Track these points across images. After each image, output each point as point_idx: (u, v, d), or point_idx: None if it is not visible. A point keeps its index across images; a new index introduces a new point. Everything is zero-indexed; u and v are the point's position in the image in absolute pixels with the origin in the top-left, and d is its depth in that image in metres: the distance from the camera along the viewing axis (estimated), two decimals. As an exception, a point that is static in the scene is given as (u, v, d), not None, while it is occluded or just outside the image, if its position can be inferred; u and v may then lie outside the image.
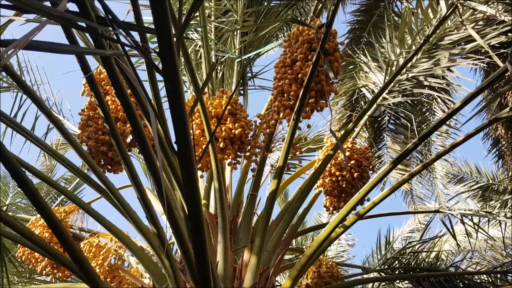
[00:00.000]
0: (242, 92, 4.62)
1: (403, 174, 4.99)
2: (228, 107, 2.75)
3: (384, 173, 2.70)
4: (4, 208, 5.26)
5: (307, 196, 2.96)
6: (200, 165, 2.75)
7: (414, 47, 3.50)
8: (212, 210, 3.38)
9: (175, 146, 1.07)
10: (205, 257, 1.37)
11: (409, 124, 4.69)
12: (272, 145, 3.21)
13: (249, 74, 4.69)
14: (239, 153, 2.84)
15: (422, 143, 5.52)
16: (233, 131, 2.70)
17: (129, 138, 2.82)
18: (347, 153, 3.31)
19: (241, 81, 4.40)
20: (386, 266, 4.12)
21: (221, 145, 2.68)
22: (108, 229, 2.72)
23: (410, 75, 4.40)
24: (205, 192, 3.37)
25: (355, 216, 2.80)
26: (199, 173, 2.91)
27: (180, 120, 0.97)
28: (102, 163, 2.76)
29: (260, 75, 4.92)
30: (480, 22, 3.26)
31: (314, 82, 2.69)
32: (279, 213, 3.24)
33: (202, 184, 3.67)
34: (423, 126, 5.22)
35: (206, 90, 3.31)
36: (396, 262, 4.13)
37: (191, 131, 1.90)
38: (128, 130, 2.70)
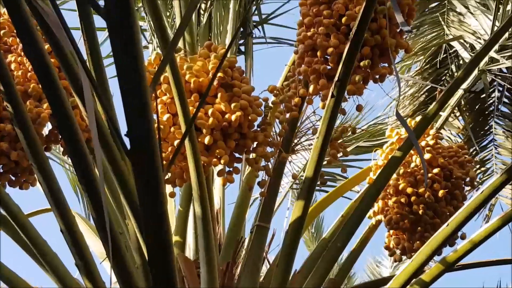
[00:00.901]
0: (243, 48, 4.62)
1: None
2: (219, 74, 2.75)
3: (492, 191, 2.68)
4: None
5: (356, 229, 2.94)
6: (169, 174, 2.75)
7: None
8: (190, 253, 3.38)
9: (126, 141, 1.07)
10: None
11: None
12: (296, 141, 3.20)
13: (256, 18, 4.68)
14: (237, 155, 2.84)
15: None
16: (227, 115, 2.70)
17: (47, 128, 2.82)
18: (427, 156, 3.29)
19: (241, 29, 4.39)
20: None
21: (207, 139, 2.68)
22: (8, 282, 2.74)
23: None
24: (179, 221, 3.38)
25: (440, 266, 2.79)
26: (169, 189, 2.92)
27: (135, 97, 0.96)
28: (0, 170, 2.76)
29: (274, 19, 4.91)
30: None
31: (370, 30, 2.69)
32: (307, 259, 3.24)
33: (173, 208, 3.66)
34: None
35: (181, 44, 3.30)
36: None
37: (155, 116, 1.90)
38: (45, 114, 2.70)
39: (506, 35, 4.32)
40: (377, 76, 2.81)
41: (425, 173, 2.63)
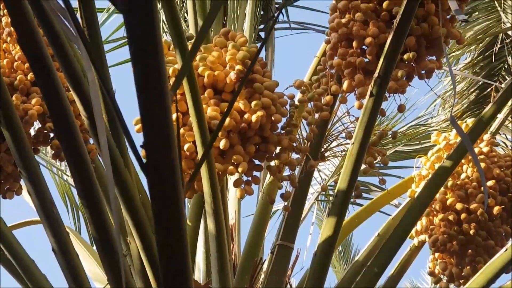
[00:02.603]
0: (263, 35, 4.62)
1: None
2: (238, 66, 2.74)
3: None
4: None
5: (396, 252, 2.92)
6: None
7: None
8: (200, 275, 3.38)
9: (140, 153, 1.06)
10: None
11: None
12: (326, 146, 3.19)
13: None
14: (257, 162, 2.83)
15: None
16: (246, 115, 2.70)
17: (33, 127, 2.83)
18: (481, 165, 3.27)
19: (263, 13, 4.38)
20: None
21: (222, 143, 2.67)
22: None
23: None
24: (189, 239, 3.39)
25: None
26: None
27: (155, 99, 0.96)
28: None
29: (300, 1, 4.91)
30: None
31: (416, 18, 2.67)
32: (337, 285, 3.24)
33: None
34: None
35: (192, 30, 3.30)
36: None
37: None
38: (33, 111, 2.71)
39: None
40: (423, 72, 2.79)
41: (484, 187, 2.60)
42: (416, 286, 9.88)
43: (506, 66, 5.13)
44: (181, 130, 2.75)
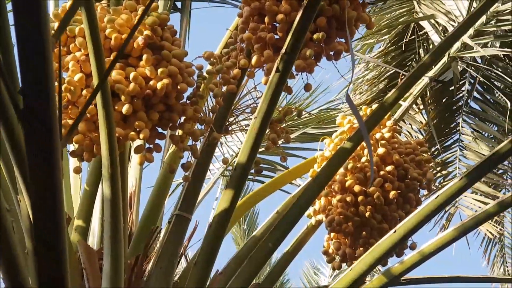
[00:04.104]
0: (179, 4, 4.57)
1: (487, 204, 5.09)
2: (147, 32, 2.71)
3: (450, 195, 2.74)
4: None
5: (291, 229, 2.96)
6: (76, 146, 2.71)
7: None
8: (94, 241, 3.34)
9: (20, 102, 1.04)
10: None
11: (508, 104, 4.79)
12: (231, 119, 3.20)
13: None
14: (160, 130, 2.82)
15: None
16: (152, 82, 2.67)
17: None
18: (381, 150, 3.34)
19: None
20: None
21: (125, 108, 2.64)
22: None
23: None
24: (84, 203, 3.34)
25: (383, 278, 2.84)
26: (75, 163, 2.87)
27: (32, 46, 0.93)
28: None
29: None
30: None
31: (329, 0, 2.69)
32: (231, 259, 3.26)
33: (78, 186, 3.60)
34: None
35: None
36: None
37: (59, 73, 1.86)
38: None
39: (484, 18, 4.40)
40: (332, 53, 2.82)
41: (371, 169, 2.67)
42: (315, 266, 10.08)
43: (417, 58, 5.23)
44: (84, 92, 2.70)
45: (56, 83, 2.23)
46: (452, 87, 5.02)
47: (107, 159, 2.52)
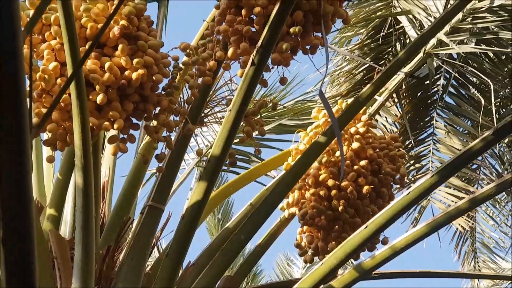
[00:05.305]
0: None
1: (460, 198, 5.15)
2: (123, 22, 2.70)
3: (422, 191, 2.78)
4: None
5: (264, 221, 2.98)
6: (49, 135, 2.70)
7: None
8: (66, 230, 3.34)
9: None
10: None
11: (482, 101, 4.84)
12: (206, 111, 3.20)
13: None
14: (134, 120, 2.82)
15: (506, 141, 5.70)
16: (127, 72, 2.67)
17: None
18: (355, 145, 3.36)
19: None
20: None
21: (99, 98, 2.64)
22: None
23: (499, 2, 4.51)
24: (56, 192, 3.34)
25: (354, 272, 2.87)
26: (48, 152, 2.86)
27: (4, 39, 0.93)
28: None
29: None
30: None
31: (305, -8, 2.71)
32: (204, 251, 3.28)
33: (51, 175, 3.59)
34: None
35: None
36: None
37: (30, 61, 1.85)
38: None
39: (460, 15, 4.43)
40: (308, 47, 2.83)
41: (342, 162, 2.69)
42: (288, 258, 10.13)
43: (394, 51, 5.25)
44: (58, 80, 2.70)
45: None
46: (427, 82, 5.05)
47: (80, 149, 2.52)
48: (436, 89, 5.39)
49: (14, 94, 1.02)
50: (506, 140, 5.69)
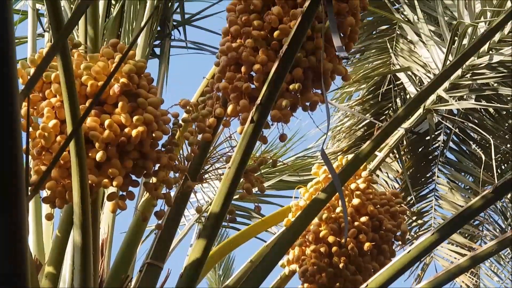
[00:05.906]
0: (159, 51, 4.60)
1: (462, 255, 5.11)
2: (123, 80, 2.72)
3: (423, 249, 2.76)
4: None
5: (264, 278, 2.95)
6: (48, 191, 2.70)
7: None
8: (65, 288, 3.31)
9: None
10: None
11: (483, 157, 4.84)
12: (207, 167, 3.20)
13: (177, 17, 4.68)
14: (134, 177, 2.82)
15: (508, 196, 5.68)
16: (127, 129, 2.68)
17: None
18: (355, 201, 3.35)
19: (159, 27, 4.37)
20: None
21: (99, 155, 2.64)
22: None
23: (498, 58, 4.54)
24: (55, 250, 3.30)
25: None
26: (47, 209, 2.85)
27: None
28: None
29: (199, 21, 4.92)
30: None
31: (305, 50, 2.73)
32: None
33: (50, 232, 3.57)
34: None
35: (82, 38, 3.26)
36: None
37: (27, 117, 1.85)
38: None
39: (459, 72, 4.46)
40: (308, 104, 2.84)
41: (345, 220, 2.66)
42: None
43: (394, 107, 5.28)
44: (58, 138, 2.70)
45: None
46: (428, 137, 5.07)
47: (78, 206, 2.51)
48: (437, 144, 5.41)
49: (10, 157, 1.02)
50: (509, 196, 5.68)
